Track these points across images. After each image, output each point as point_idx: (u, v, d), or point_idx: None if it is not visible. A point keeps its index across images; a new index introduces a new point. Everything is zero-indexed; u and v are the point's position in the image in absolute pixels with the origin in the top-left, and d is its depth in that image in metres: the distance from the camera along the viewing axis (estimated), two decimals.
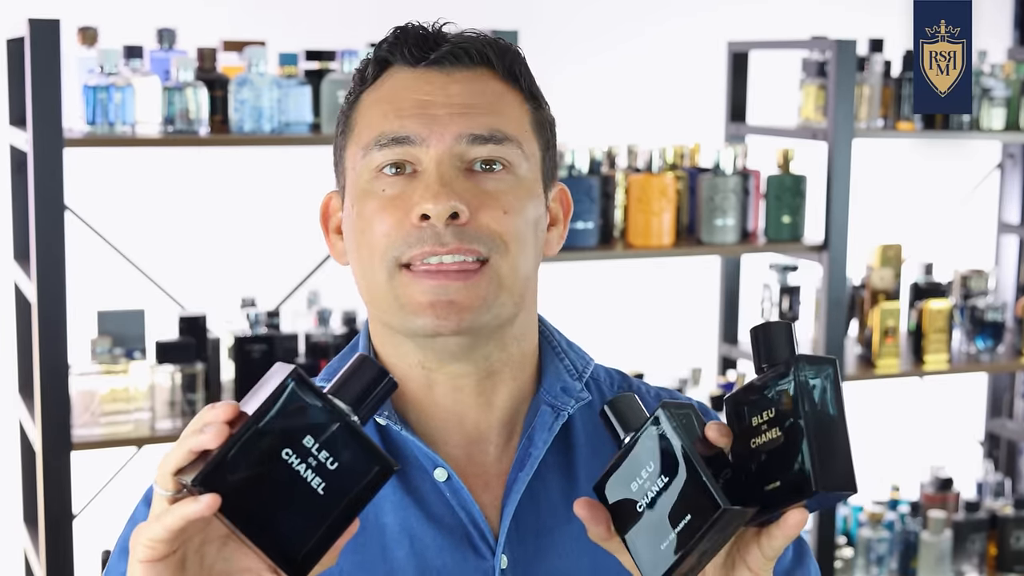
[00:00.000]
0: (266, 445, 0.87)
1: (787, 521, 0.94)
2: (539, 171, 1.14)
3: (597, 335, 3.24)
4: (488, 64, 1.12)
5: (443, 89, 1.09)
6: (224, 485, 0.86)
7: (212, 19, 2.99)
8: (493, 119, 1.09)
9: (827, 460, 0.92)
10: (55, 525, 2.46)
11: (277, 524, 0.87)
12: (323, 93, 2.63)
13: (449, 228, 1.05)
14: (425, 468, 1.12)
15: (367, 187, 1.10)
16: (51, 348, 2.41)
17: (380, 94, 1.12)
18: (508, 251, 1.08)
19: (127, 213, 2.95)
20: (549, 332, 1.21)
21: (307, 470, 0.87)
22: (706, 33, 3.51)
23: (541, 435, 1.13)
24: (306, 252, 2.99)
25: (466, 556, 1.10)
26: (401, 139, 1.08)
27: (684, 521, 0.93)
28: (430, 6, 1.55)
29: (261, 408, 0.87)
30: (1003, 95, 3.25)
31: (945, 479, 3.52)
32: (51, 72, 2.35)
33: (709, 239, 2.97)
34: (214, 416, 0.88)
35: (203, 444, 0.87)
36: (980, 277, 3.41)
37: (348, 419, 0.89)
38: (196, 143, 2.56)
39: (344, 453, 0.88)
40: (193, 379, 2.59)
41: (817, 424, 0.93)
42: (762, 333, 0.98)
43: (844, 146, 3.00)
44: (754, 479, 0.95)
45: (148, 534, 0.87)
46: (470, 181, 1.08)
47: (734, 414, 0.98)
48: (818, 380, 0.95)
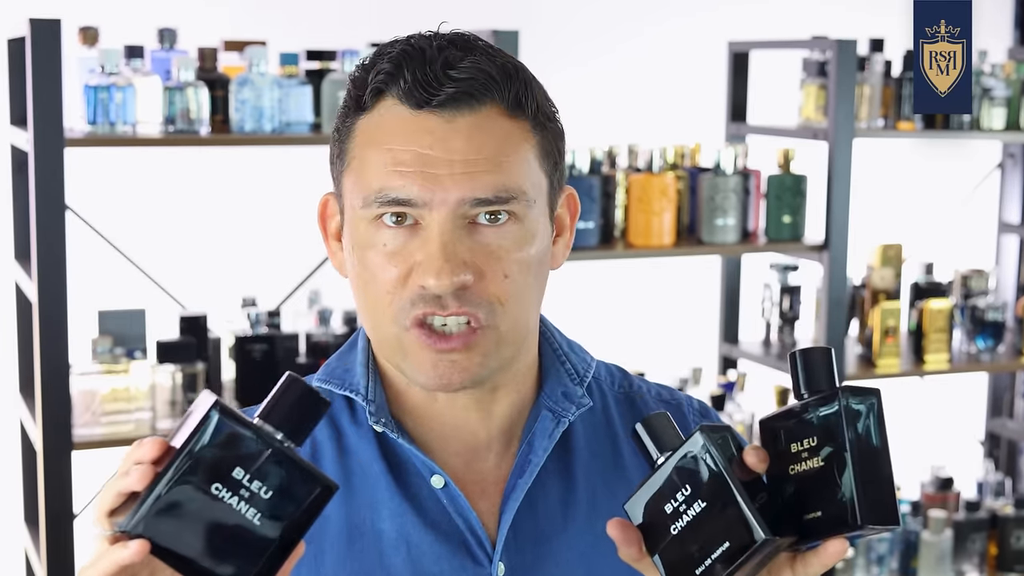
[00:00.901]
0: (195, 481, 0.85)
1: (827, 550, 0.92)
2: (545, 203, 1.11)
3: (597, 335, 3.23)
4: (493, 100, 1.06)
5: (444, 143, 1.04)
6: (154, 527, 0.84)
7: (213, 19, 2.99)
8: (497, 177, 1.05)
9: (871, 492, 0.91)
10: (56, 525, 2.46)
11: (217, 560, 0.85)
12: (324, 93, 2.63)
13: (452, 294, 1.05)
14: (422, 475, 1.12)
15: (368, 238, 1.07)
16: (52, 348, 2.41)
17: (376, 132, 1.07)
18: (507, 312, 1.07)
19: (128, 213, 2.95)
20: (550, 334, 1.20)
21: (240, 502, 0.85)
22: (707, 33, 3.51)
23: (541, 442, 1.13)
24: (307, 252, 2.99)
25: (463, 563, 1.10)
26: (402, 201, 1.05)
27: (721, 548, 0.91)
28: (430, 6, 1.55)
29: (185, 443, 0.85)
30: (1003, 95, 3.26)
31: (945, 479, 3.52)
32: (52, 72, 2.35)
33: (710, 239, 2.97)
34: (140, 455, 0.86)
35: (129, 486, 0.85)
36: (980, 277, 3.42)
37: (279, 445, 0.86)
38: (197, 143, 2.56)
39: (277, 480, 0.86)
40: (194, 379, 2.59)
41: (861, 455, 0.92)
42: (803, 358, 0.96)
43: (845, 146, 3.00)
44: (792, 507, 0.94)
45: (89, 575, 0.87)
46: (473, 237, 1.05)
47: (771, 438, 0.97)
48: (863, 409, 0.93)
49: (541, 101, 1.11)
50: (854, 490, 0.90)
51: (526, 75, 1.10)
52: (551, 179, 1.12)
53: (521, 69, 1.10)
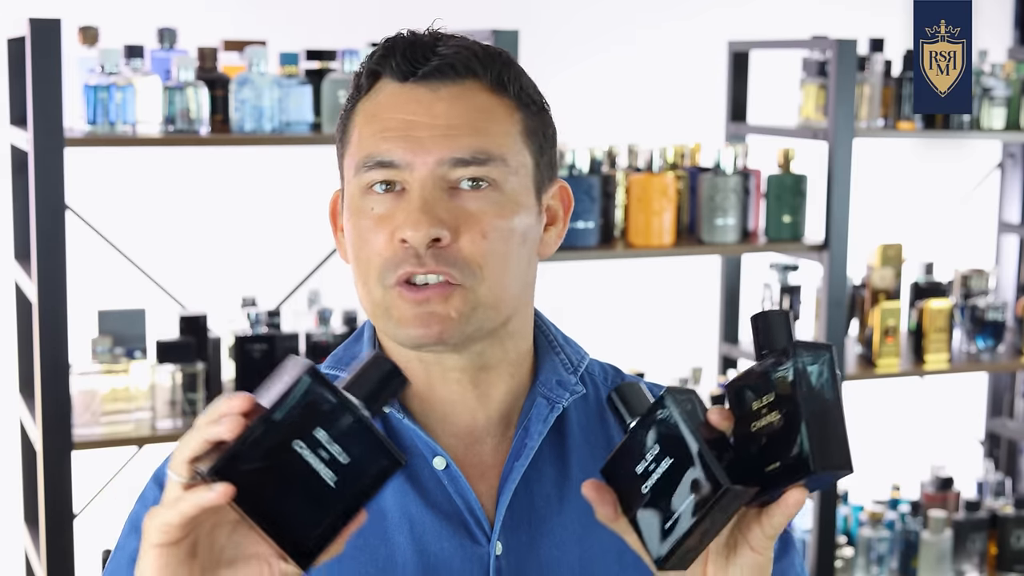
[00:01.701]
0: (280, 437, 0.90)
1: (787, 500, 0.97)
2: (530, 180, 1.16)
3: (597, 335, 3.24)
4: (475, 76, 1.13)
5: (428, 109, 1.11)
6: (237, 475, 0.89)
7: (213, 19, 3.00)
8: (476, 139, 1.11)
9: (824, 441, 0.96)
10: (56, 525, 2.46)
11: (287, 514, 0.90)
12: (324, 93, 2.63)
13: (429, 251, 1.09)
14: (425, 456, 1.16)
15: (359, 204, 1.14)
16: (52, 347, 2.41)
17: (371, 107, 1.15)
18: (483, 276, 1.11)
19: (128, 213, 2.95)
20: (546, 327, 1.24)
21: (319, 462, 0.90)
22: (706, 33, 3.51)
23: (536, 426, 1.17)
24: (307, 252, 2.99)
25: (463, 542, 1.15)
26: (386, 163, 1.11)
27: (688, 501, 0.96)
28: (431, 6, 1.55)
29: (277, 401, 0.90)
30: (1003, 95, 3.26)
31: (945, 478, 3.52)
32: (52, 72, 2.36)
33: (710, 239, 2.98)
34: (230, 407, 0.91)
35: (219, 435, 0.90)
36: (980, 276, 3.42)
37: (360, 414, 0.91)
38: (197, 143, 2.56)
39: (355, 447, 0.91)
40: (194, 379, 2.59)
41: (815, 407, 0.97)
42: (761, 321, 1.02)
43: (845, 146, 3.01)
44: (755, 461, 0.98)
45: (162, 519, 0.90)
46: (454, 201, 1.11)
47: (735, 399, 1.02)
48: (816, 366, 0.98)
49: (525, 84, 1.17)
50: (808, 440, 0.95)
51: (509, 59, 1.16)
52: (537, 160, 1.17)
53: (505, 54, 1.16)
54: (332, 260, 2.94)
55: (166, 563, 0.91)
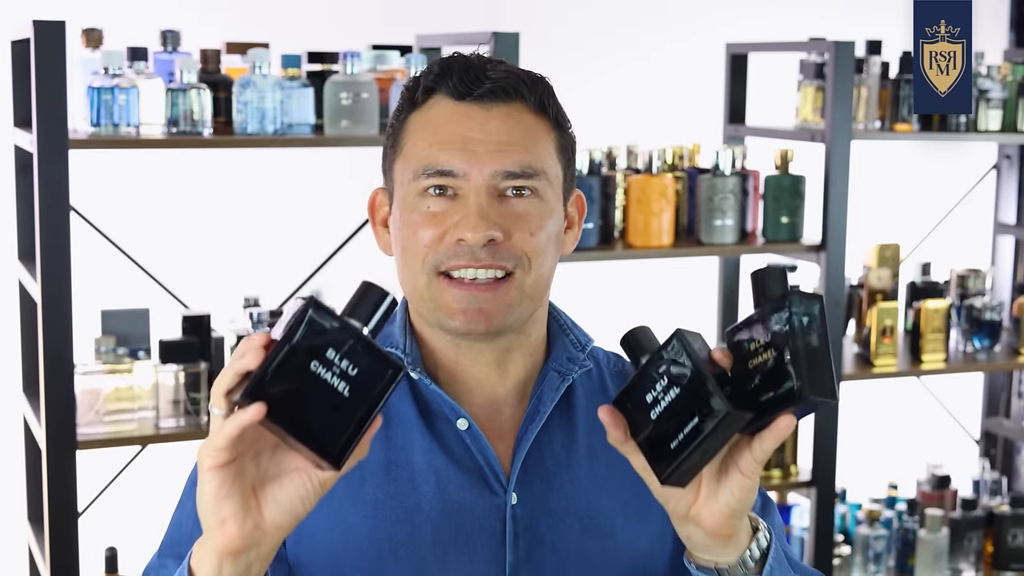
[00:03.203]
0: (297, 361, 1.02)
1: (778, 424, 1.09)
2: (561, 189, 1.33)
3: (597, 335, 3.25)
4: (522, 98, 1.30)
5: (482, 125, 1.28)
6: (267, 396, 1.01)
7: (216, 21, 3.01)
8: (524, 155, 1.28)
9: (812, 373, 1.07)
10: (60, 523, 2.47)
11: (314, 424, 1.02)
12: (326, 95, 2.64)
13: (484, 249, 1.26)
14: (449, 419, 1.32)
15: (414, 203, 1.29)
16: (56, 347, 2.43)
17: (426, 120, 1.30)
18: (531, 266, 1.29)
19: (131, 213, 2.97)
20: (557, 313, 1.42)
21: (333, 377, 1.02)
22: (705, 35, 3.53)
23: (549, 395, 1.34)
24: (309, 252, 3.01)
25: (482, 493, 1.31)
26: (445, 172, 1.27)
27: (692, 423, 1.08)
28: (432, 10, 1.57)
29: (288, 332, 1.03)
30: (1000, 96, 3.27)
31: (942, 477, 3.54)
32: (56, 74, 2.37)
33: (708, 239, 2.99)
34: (251, 343, 1.03)
35: (246, 366, 1.03)
36: (977, 277, 3.44)
37: (361, 333, 1.04)
38: (200, 144, 2.57)
39: (362, 361, 1.03)
40: (197, 378, 2.60)
41: (805, 346, 1.08)
42: (760, 274, 1.14)
43: (842, 147, 3.02)
44: (751, 392, 1.10)
45: (212, 444, 1.03)
46: (503, 205, 1.28)
47: (735, 343, 1.14)
48: (806, 312, 1.10)
49: (559, 109, 1.34)
50: (797, 371, 1.07)
51: (548, 85, 1.33)
52: (565, 173, 1.35)
53: (544, 80, 1.33)
54: (334, 260, 2.96)
55: (221, 483, 1.03)
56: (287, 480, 1.05)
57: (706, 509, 1.13)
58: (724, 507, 1.13)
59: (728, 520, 1.13)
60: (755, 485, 1.13)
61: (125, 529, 2.89)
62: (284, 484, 1.05)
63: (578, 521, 1.32)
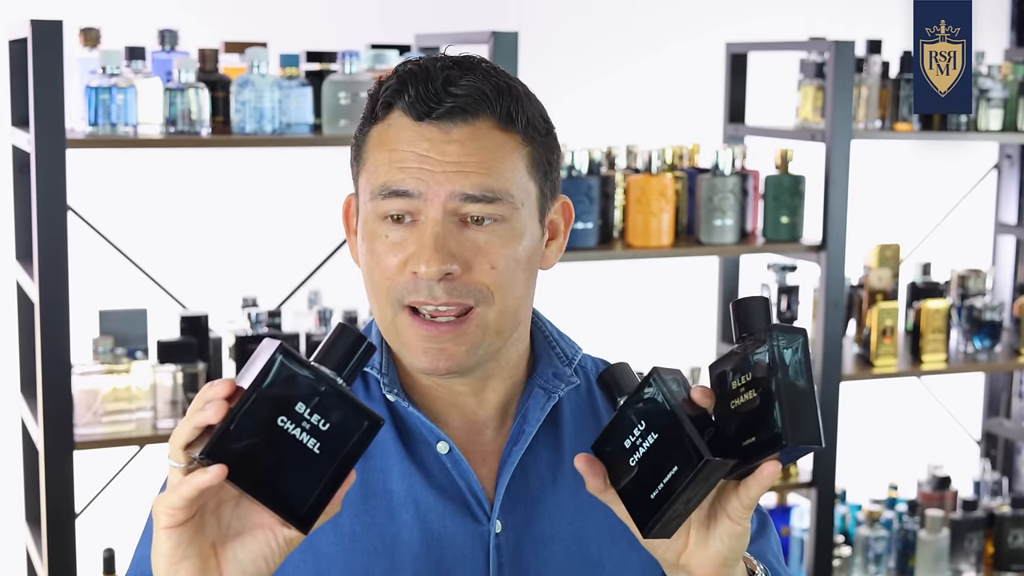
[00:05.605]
0: (263, 415, 0.96)
1: (762, 472, 1.04)
2: (535, 207, 1.23)
3: (597, 335, 3.25)
4: (486, 115, 1.19)
5: (439, 148, 1.17)
6: (229, 454, 0.95)
7: (214, 20, 3.00)
8: (485, 178, 1.17)
9: (796, 418, 1.02)
10: (57, 524, 2.47)
11: (281, 484, 0.96)
12: (324, 94, 2.64)
13: (441, 284, 1.17)
14: (429, 442, 1.25)
15: (374, 229, 1.21)
16: (53, 347, 2.42)
17: (385, 137, 1.20)
18: (494, 300, 1.19)
19: (129, 213, 2.96)
20: (542, 323, 1.33)
21: (302, 433, 0.96)
22: (705, 34, 3.52)
23: (534, 414, 1.26)
24: (307, 252, 3.00)
25: (464, 522, 1.23)
26: (401, 192, 1.18)
27: (671, 472, 1.03)
28: (431, 9, 1.57)
29: (254, 382, 0.96)
30: (1000, 96, 3.27)
31: (943, 478, 3.53)
32: (53, 73, 2.36)
33: (708, 239, 2.99)
34: (213, 393, 0.97)
35: (206, 420, 0.96)
36: (977, 277, 3.43)
37: (334, 383, 0.98)
38: (198, 144, 2.56)
39: (333, 414, 0.97)
40: (195, 378, 2.60)
41: (788, 387, 1.03)
42: (741, 307, 1.09)
43: (842, 147, 3.02)
44: (733, 436, 1.05)
45: (167, 503, 0.97)
46: (463, 233, 1.18)
47: (716, 379, 1.09)
48: (790, 349, 1.05)
49: (532, 116, 1.22)
50: (782, 416, 1.02)
51: (519, 93, 1.22)
52: (541, 187, 1.24)
53: (515, 87, 1.22)
54: (332, 260, 2.95)
55: (177, 543, 0.98)
56: (250, 538, 1.00)
57: (695, 558, 1.08)
58: (715, 555, 1.08)
59: (720, 569, 1.08)
60: (746, 531, 1.08)
61: (123, 530, 2.88)
62: (247, 542, 1.00)
63: (564, 548, 1.25)
